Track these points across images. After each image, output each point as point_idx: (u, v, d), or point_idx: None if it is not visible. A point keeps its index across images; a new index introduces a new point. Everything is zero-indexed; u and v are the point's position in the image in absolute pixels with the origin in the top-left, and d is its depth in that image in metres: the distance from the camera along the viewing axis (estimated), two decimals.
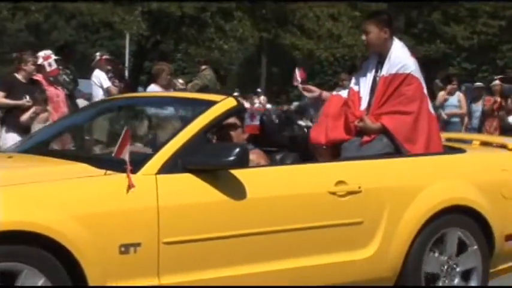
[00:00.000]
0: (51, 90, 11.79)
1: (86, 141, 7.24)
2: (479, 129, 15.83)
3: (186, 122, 5.81)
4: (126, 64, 35.31)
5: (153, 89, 12.76)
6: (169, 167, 5.43)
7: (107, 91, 13.53)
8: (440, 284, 6.38)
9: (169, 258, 5.30)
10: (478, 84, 17.69)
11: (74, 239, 4.97)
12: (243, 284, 5.57)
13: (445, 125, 15.23)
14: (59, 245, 4.94)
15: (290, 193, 5.81)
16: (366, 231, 6.08)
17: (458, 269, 6.47)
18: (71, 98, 12.89)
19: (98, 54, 14.91)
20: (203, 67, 14.79)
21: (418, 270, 6.27)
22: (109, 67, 14.41)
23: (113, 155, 5.28)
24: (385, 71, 6.75)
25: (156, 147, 5.74)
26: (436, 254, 6.37)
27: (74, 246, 4.97)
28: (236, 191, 5.55)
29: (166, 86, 12.91)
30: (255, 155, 6.25)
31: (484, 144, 7.46)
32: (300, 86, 7.32)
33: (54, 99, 11.57)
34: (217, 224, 5.49)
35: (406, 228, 6.19)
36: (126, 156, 5.21)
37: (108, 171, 5.30)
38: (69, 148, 6.96)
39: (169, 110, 7.21)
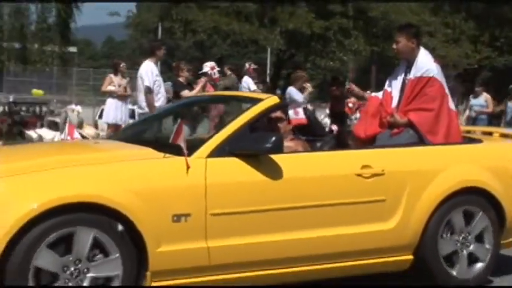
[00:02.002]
0: (211, 92, 11.71)
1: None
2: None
3: (235, 115, 5.49)
4: (268, 72, 35.29)
5: (292, 90, 12.56)
6: (218, 152, 5.12)
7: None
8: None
9: (215, 226, 4.99)
10: None
11: (134, 210, 4.72)
12: (279, 247, 5.21)
13: (474, 121, 14.47)
14: (122, 215, 4.69)
15: (321, 174, 5.40)
16: (388, 208, 5.61)
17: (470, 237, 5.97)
18: None
19: (247, 64, 14.78)
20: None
21: (434, 241, 5.77)
22: (255, 74, 14.30)
23: (170, 141, 4.99)
24: (412, 74, 6.35)
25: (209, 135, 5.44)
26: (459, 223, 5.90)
27: (134, 215, 4.72)
28: (274, 172, 5.19)
29: (300, 89, 12.71)
30: (293, 143, 5.90)
31: (503, 136, 6.87)
32: (347, 86, 6.94)
33: None
34: (256, 199, 5.13)
35: (425, 205, 5.71)
36: (181, 142, 4.95)
37: (167, 155, 5.05)
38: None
39: (230, 105, 6.95)
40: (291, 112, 6.12)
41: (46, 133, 18.72)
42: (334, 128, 9.22)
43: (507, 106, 15.45)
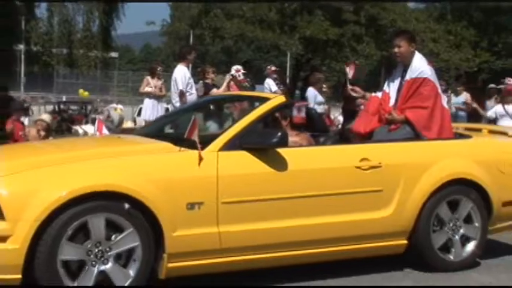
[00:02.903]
0: (236, 91, 11.55)
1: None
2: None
3: (245, 112, 5.42)
4: (288, 74, 35.19)
5: (311, 91, 12.37)
6: (229, 146, 5.04)
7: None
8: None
9: (226, 213, 4.91)
10: (492, 85, 16.18)
11: (151, 198, 4.66)
12: (285, 232, 5.12)
13: (455, 118, 14.12)
14: (141, 202, 4.64)
15: (323, 167, 5.31)
16: (385, 197, 5.50)
17: (458, 223, 5.85)
18: None
19: (268, 67, 14.61)
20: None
21: (427, 227, 5.66)
22: (275, 76, 14.15)
23: (185, 136, 4.92)
24: (408, 76, 6.22)
25: (221, 131, 5.36)
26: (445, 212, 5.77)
27: (151, 203, 4.66)
28: (280, 164, 5.10)
29: (319, 90, 12.53)
30: (299, 138, 5.80)
31: (491, 132, 6.73)
32: (349, 86, 6.78)
33: None
34: (264, 189, 5.05)
35: (418, 195, 5.59)
36: (195, 137, 4.88)
37: (182, 148, 4.98)
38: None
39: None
40: (294, 111, 5.97)
41: (90, 129, 18.80)
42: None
43: (486, 105, 15.12)
